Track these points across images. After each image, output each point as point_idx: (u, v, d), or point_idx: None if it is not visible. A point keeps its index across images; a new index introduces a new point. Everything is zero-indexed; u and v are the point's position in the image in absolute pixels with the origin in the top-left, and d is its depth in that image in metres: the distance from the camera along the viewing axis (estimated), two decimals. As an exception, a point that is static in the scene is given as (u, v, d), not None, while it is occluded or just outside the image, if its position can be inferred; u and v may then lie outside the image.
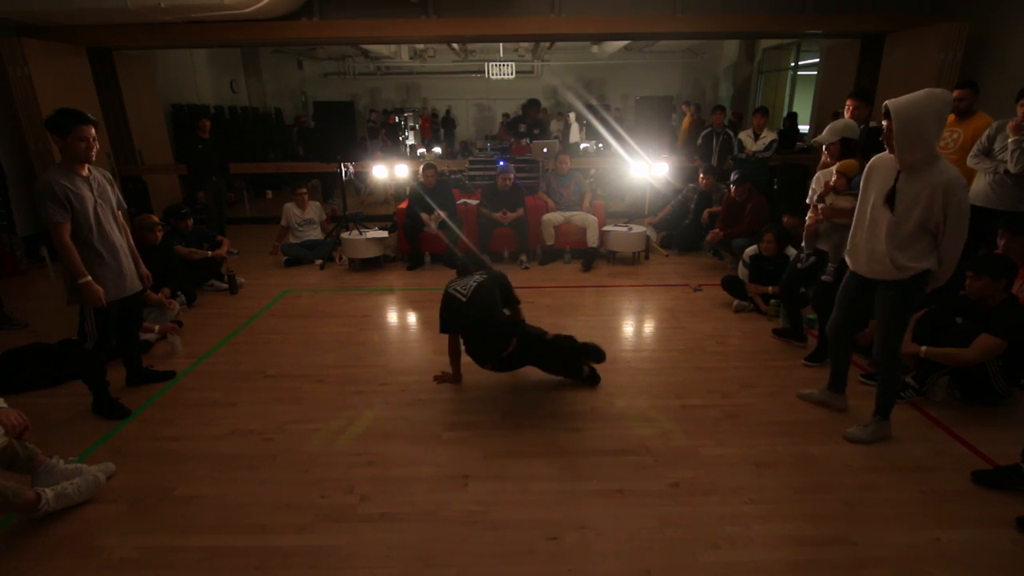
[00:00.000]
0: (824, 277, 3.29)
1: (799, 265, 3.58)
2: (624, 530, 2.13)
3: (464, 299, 2.95)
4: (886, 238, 2.36)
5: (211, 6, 5.53)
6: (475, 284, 3.00)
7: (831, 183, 3.19)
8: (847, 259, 2.65)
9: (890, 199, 2.36)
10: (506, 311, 3.19)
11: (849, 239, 2.62)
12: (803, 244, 3.49)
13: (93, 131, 2.66)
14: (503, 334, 3.00)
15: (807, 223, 3.36)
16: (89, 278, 2.66)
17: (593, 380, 3.23)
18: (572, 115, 10.69)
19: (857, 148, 3.26)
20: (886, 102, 2.27)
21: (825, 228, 3.26)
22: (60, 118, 2.59)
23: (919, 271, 2.35)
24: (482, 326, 2.96)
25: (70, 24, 5.94)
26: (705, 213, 5.83)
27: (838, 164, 3.22)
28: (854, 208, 2.90)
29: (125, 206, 3.02)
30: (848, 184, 3.14)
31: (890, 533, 2.10)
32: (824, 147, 3.35)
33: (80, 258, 2.65)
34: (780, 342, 3.80)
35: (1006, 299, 2.80)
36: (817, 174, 3.45)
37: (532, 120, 7.48)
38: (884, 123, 2.31)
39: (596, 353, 3.18)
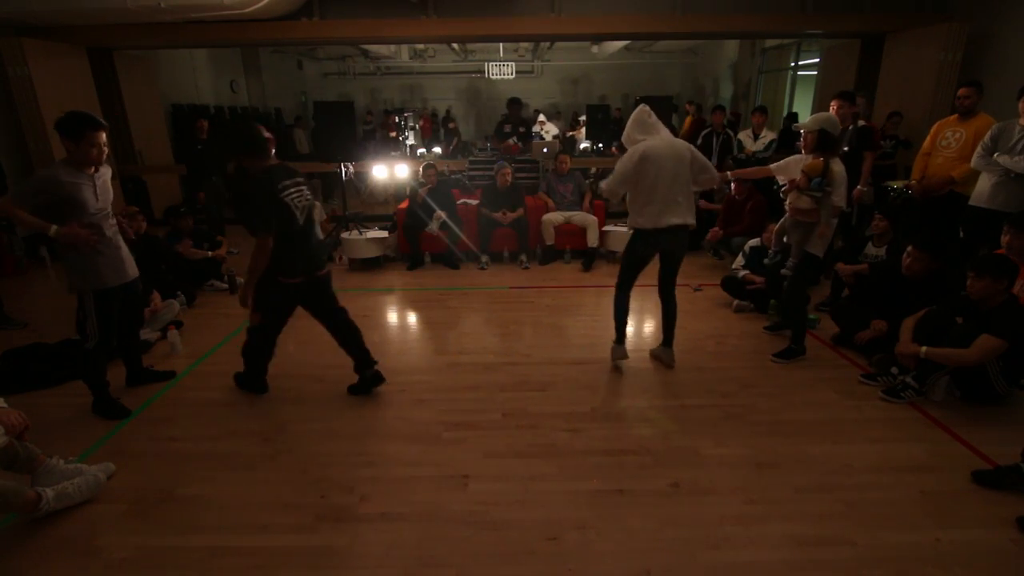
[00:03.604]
0: (783, 271, 3.56)
1: (765, 261, 3.86)
2: (624, 530, 2.13)
3: (299, 220, 2.77)
4: None
5: (211, 6, 5.54)
6: (308, 204, 2.86)
7: (795, 179, 3.24)
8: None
9: None
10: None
11: None
12: (772, 243, 3.72)
13: (104, 136, 2.63)
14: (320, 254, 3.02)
15: (777, 225, 3.60)
16: (56, 226, 2.56)
17: (375, 380, 3.15)
18: (541, 116, 9.94)
19: (834, 145, 3.19)
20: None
21: (789, 224, 3.41)
22: (72, 123, 2.54)
23: None
24: (308, 240, 2.89)
25: (70, 24, 5.94)
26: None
27: (804, 164, 3.20)
28: (813, 208, 3.18)
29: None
30: (808, 183, 3.13)
31: (890, 533, 2.10)
32: (802, 134, 3.27)
33: (77, 253, 2.65)
34: (779, 342, 3.79)
35: (1006, 299, 2.79)
36: (787, 160, 3.44)
37: (516, 119, 7.40)
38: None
39: (374, 376, 3.15)
